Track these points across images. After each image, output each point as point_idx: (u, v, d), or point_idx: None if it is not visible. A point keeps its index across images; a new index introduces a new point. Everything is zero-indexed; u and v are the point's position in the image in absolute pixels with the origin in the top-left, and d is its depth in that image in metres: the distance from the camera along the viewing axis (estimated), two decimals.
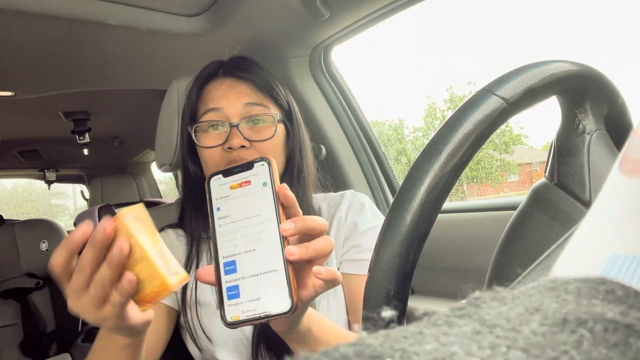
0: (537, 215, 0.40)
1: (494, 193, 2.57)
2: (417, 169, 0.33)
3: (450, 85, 2.39)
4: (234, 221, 0.42)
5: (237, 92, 0.71)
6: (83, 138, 1.92)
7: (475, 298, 0.13)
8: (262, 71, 0.75)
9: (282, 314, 0.39)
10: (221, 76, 0.74)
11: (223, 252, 0.42)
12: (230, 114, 0.70)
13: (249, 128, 0.70)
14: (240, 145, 0.67)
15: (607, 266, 0.14)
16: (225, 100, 0.70)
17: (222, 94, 0.71)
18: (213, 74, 0.75)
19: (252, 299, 0.40)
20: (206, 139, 0.71)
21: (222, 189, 0.44)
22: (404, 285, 0.32)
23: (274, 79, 0.76)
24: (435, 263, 1.04)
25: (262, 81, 0.73)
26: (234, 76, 0.73)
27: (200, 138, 0.72)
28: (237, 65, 0.75)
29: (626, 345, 0.10)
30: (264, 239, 0.41)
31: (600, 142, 0.39)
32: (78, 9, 0.90)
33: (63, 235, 2.22)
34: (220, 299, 0.41)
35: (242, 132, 0.68)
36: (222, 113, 0.70)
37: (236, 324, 0.40)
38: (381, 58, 4.17)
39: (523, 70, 0.35)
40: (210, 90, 0.73)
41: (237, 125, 0.68)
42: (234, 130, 0.69)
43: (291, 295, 0.39)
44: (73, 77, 1.28)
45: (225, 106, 0.70)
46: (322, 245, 0.41)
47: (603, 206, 0.16)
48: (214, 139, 0.70)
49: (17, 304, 2.05)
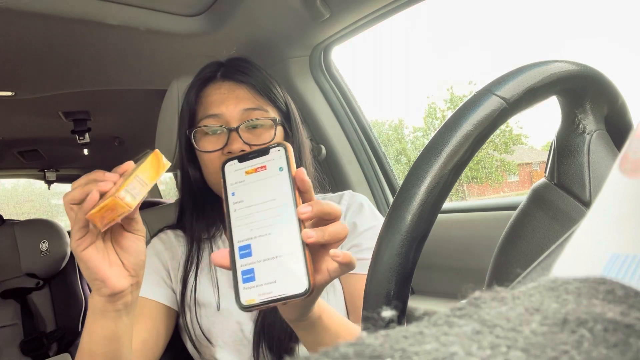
0: (537, 215, 0.40)
1: (494, 193, 2.57)
2: (417, 169, 0.33)
3: (450, 85, 2.39)
4: (249, 205, 0.43)
5: (235, 96, 0.71)
6: (83, 138, 1.92)
7: (475, 298, 0.13)
8: (260, 73, 0.75)
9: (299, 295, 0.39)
10: (219, 79, 0.74)
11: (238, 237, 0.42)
12: (229, 119, 0.70)
13: (248, 132, 0.70)
14: (240, 150, 0.67)
15: (607, 266, 0.14)
16: (224, 106, 0.70)
17: (221, 99, 0.71)
18: (211, 77, 0.75)
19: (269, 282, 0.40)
20: (206, 144, 0.71)
21: (237, 174, 0.44)
22: (404, 285, 0.32)
23: (272, 81, 0.76)
24: (435, 263, 1.04)
25: (261, 84, 0.73)
26: (232, 79, 0.73)
27: (200, 142, 0.72)
28: (236, 67, 0.74)
29: (626, 345, 0.10)
30: (279, 223, 0.41)
31: (600, 142, 0.39)
32: (78, 9, 0.90)
33: (63, 235, 2.21)
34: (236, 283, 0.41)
35: (241, 137, 0.68)
36: (221, 119, 0.70)
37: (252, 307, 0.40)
38: (381, 58, 4.17)
39: (523, 70, 0.35)
40: (209, 94, 0.73)
41: (236, 130, 0.69)
42: (234, 134, 0.69)
43: (308, 277, 0.39)
44: (73, 77, 1.28)
45: (224, 112, 0.70)
46: (337, 229, 0.42)
47: (603, 206, 0.16)
48: (213, 143, 0.70)
49: (17, 304, 2.05)
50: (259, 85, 0.72)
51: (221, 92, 0.72)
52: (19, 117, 1.78)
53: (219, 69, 0.75)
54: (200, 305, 0.71)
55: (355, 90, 1.26)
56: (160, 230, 0.81)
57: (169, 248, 0.77)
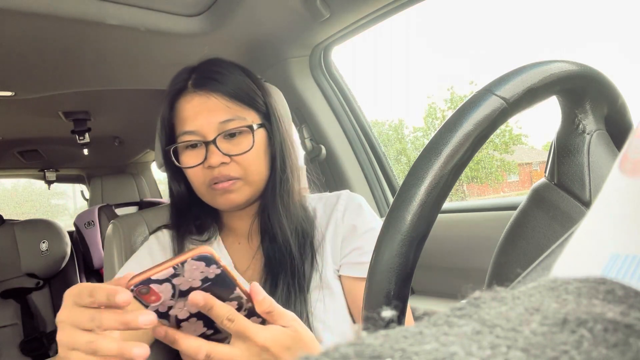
0: (537, 215, 0.40)
1: (494, 193, 2.57)
2: (417, 169, 0.33)
3: (451, 85, 2.39)
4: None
5: (208, 109, 0.68)
6: (83, 138, 1.92)
7: (475, 298, 0.13)
8: (234, 75, 0.72)
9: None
10: (191, 90, 0.71)
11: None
12: (205, 133, 0.68)
13: (226, 142, 0.69)
14: (220, 162, 0.67)
15: (607, 266, 0.14)
16: (198, 121, 0.68)
17: (194, 114, 0.69)
18: (183, 88, 0.72)
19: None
20: (187, 159, 0.70)
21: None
22: (404, 285, 0.32)
23: (248, 82, 0.73)
24: (435, 263, 1.04)
25: (234, 89, 0.70)
26: (203, 89, 0.70)
27: (180, 157, 0.71)
28: (207, 74, 0.71)
29: (626, 345, 0.10)
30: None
31: (600, 142, 0.39)
32: (78, 9, 0.90)
33: (63, 235, 2.21)
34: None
35: (219, 149, 0.67)
36: (197, 134, 0.69)
37: None
38: (381, 58, 4.17)
39: (523, 70, 0.35)
40: (183, 109, 0.71)
41: (213, 142, 0.67)
42: (211, 147, 0.67)
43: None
44: (73, 77, 1.28)
45: (199, 127, 0.68)
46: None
47: (603, 206, 0.16)
48: (194, 157, 0.69)
49: (17, 304, 2.05)
50: (233, 92, 0.70)
51: (193, 106, 0.70)
52: (19, 117, 1.78)
53: (190, 76, 0.72)
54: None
55: (355, 90, 1.27)
56: (157, 229, 0.81)
57: (163, 248, 0.76)
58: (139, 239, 0.88)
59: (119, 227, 0.88)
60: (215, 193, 0.69)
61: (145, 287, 0.40)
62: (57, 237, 2.17)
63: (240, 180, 0.69)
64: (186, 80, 0.72)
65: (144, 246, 0.78)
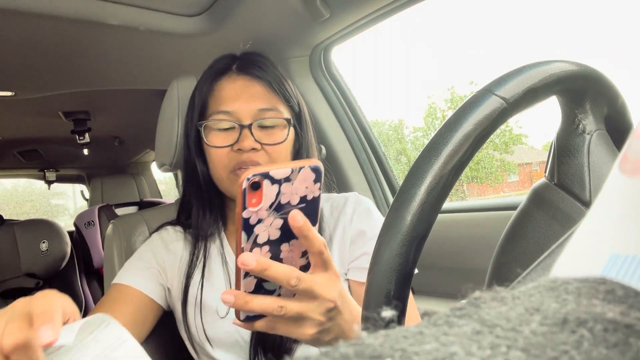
0: (537, 215, 0.40)
1: (494, 193, 2.57)
2: (417, 169, 0.33)
3: (451, 85, 2.39)
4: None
5: (250, 94, 0.68)
6: (83, 138, 1.92)
7: (475, 298, 0.13)
8: (275, 70, 0.72)
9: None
10: (234, 72, 0.71)
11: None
12: (242, 117, 0.68)
13: (260, 130, 0.68)
14: (250, 148, 0.66)
15: (607, 266, 0.14)
16: (238, 103, 0.68)
17: (235, 95, 0.69)
18: (226, 69, 0.72)
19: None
20: (215, 139, 0.69)
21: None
22: (404, 285, 0.32)
23: (286, 79, 0.73)
24: (435, 263, 1.04)
25: (276, 81, 0.70)
26: (248, 74, 0.70)
27: (209, 136, 0.69)
28: (251, 61, 0.72)
29: (626, 345, 0.10)
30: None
31: (600, 142, 0.39)
32: (78, 9, 0.90)
33: (63, 235, 2.22)
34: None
35: (253, 135, 0.67)
36: (233, 116, 0.68)
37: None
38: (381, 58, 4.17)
39: (523, 70, 0.35)
40: (223, 88, 0.70)
41: (249, 127, 0.67)
42: (245, 131, 0.67)
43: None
44: (73, 77, 1.28)
45: (237, 109, 0.68)
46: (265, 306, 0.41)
47: (603, 206, 0.16)
48: (223, 139, 0.68)
49: None
50: (275, 83, 0.70)
51: (235, 88, 0.69)
52: (19, 117, 1.78)
53: (234, 61, 0.73)
54: (202, 306, 0.71)
55: (355, 90, 1.27)
56: (160, 227, 0.80)
57: (167, 245, 0.76)
58: (139, 239, 0.88)
59: (119, 227, 0.88)
60: (236, 179, 0.68)
61: (260, 180, 0.38)
62: (57, 237, 2.17)
63: None
64: (230, 64, 0.72)
65: (146, 243, 0.77)
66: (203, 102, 0.72)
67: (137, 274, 0.71)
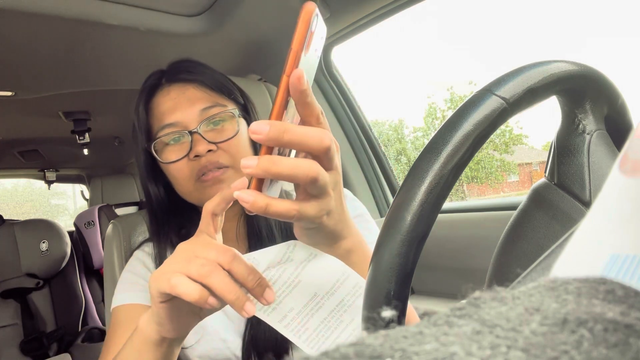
0: (537, 215, 0.40)
1: (494, 193, 2.57)
2: (417, 169, 0.33)
3: (451, 85, 2.39)
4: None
5: (187, 98, 0.66)
6: (83, 138, 1.92)
7: (475, 298, 0.13)
8: (207, 69, 0.70)
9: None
10: (165, 85, 0.69)
11: None
12: (187, 123, 0.65)
13: (210, 130, 0.66)
14: (207, 150, 0.64)
15: (607, 266, 0.14)
16: (179, 112, 0.65)
17: (173, 105, 0.66)
18: (156, 85, 0.69)
19: None
20: (169, 154, 0.66)
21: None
22: (404, 285, 0.32)
23: (222, 75, 0.71)
24: (435, 263, 1.04)
25: (210, 79, 0.68)
26: (179, 81, 0.68)
27: (162, 154, 0.67)
28: (178, 69, 0.69)
29: (626, 345, 0.10)
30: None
31: (600, 142, 0.39)
32: (78, 9, 0.90)
33: (63, 235, 2.21)
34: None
35: (204, 137, 0.64)
36: (179, 126, 0.65)
37: None
38: (382, 58, 4.17)
39: (523, 70, 0.35)
40: (159, 103, 0.68)
41: (197, 132, 0.64)
42: (196, 136, 0.64)
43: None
44: (73, 77, 1.28)
45: (180, 118, 0.65)
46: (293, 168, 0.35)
47: (603, 206, 0.16)
48: (177, 152, 0.65)
49: (17, 304, 2.05)
50: (209, 81, 0.67)
51: (171, 98, 0.67)
52: (19, 117, 1.78)
53: (163, 74, 0.70)
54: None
55: (355, 90, 1.27)
56: (142, 243, 0.77)
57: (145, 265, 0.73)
58: (138, 239, 0.87)
59: (119, 227, 0.88)
60: (204, 185, 0.65)
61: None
62: (57, 237, 2.17)
63: (230, 168, 0.65)
64: (160, 78, 0.70)
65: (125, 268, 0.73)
66: (145, 125, 0.69)
67: (130, 290, 0.69)
